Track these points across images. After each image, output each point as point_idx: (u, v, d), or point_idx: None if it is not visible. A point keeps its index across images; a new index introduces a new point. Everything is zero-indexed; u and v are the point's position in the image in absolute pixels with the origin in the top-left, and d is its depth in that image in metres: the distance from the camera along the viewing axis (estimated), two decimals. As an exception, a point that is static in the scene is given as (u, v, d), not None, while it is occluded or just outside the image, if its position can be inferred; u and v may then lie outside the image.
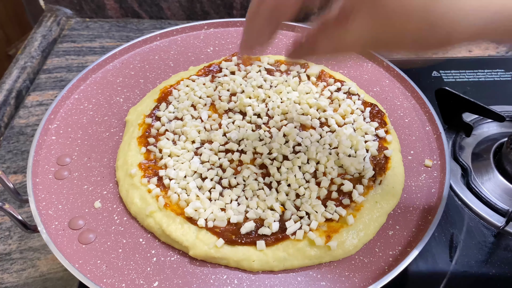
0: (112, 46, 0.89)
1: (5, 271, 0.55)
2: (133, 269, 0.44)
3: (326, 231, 0.46)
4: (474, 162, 0.65)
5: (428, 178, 0.54)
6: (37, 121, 0.74)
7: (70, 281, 0.54)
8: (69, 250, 0.45)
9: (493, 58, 0.87)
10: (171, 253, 0.46)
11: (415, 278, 0.53)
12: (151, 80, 0.65)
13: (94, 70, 0.64)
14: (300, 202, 0.48)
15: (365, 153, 0.54)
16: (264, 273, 0.45)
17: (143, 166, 0.51)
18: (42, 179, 0.52)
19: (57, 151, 0.55)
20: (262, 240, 0.45)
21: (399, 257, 0.46)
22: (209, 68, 0.64)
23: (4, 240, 0.58)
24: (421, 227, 0.48)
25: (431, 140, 0.58)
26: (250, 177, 0.50)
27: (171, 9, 0.97)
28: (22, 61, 0.83)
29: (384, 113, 0.59)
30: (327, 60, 0.39)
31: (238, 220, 0.46)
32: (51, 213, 0.49)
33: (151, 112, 0.57)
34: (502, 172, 0.62)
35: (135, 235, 0.48)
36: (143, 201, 0.48)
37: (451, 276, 0.54)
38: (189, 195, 0.48)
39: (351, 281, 0.44)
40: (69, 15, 0.97)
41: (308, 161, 0.52)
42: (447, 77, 0.81)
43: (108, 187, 0.52)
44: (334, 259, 0.46)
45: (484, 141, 0.68)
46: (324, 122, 0.57)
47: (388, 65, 0.67)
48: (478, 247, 0.58)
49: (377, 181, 0.51)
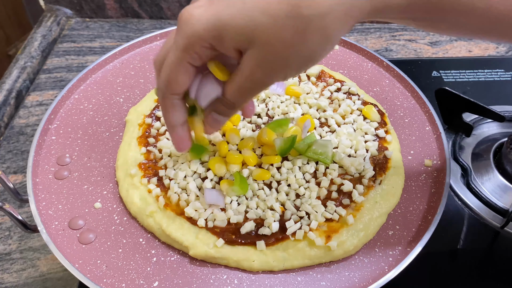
0: (112, 46, 0.89)
1: (5, 271, 0.55)
2: (133, 269, 0.44)
3: (326, 231, 0.46)
4: (474, 162, 0.65)
5: (428, 178, 0.54)
6: (37, 121, 0.74)
7: (70, 281, 0.54)
8: (69, 250, 0.45)
9: (493, 58, 0.87)
10: (171, 253, 0.46)
11: (415, 278, 0.53)
12: (151, 80, 0.65)
13: (94, 70, 0.64)
14: (300, 202, 0.48)
15: (365, 153, 0.54)
16: (264, 273, 0.45)
17: (143, 166, 0.51)
18: (42, 179, 0.52)
19: (57, 151, 0.55)
20: (262, 240, 0.45)
21: (399, 257, 0.46)
22: (209, 68, 0.64)
23: (4, 240, 0.58)
24: (421, 227, 0.48)
25: (431, 140, 0.58)
26: (250, 177, 0.50)
27: (171, 9, 0.97)
28: (22, 61, 0.83)
29: (384, 113, 0.59)
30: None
31: (238, 220, 0.46)
32: (51, 213, 0.49)
33: (151, 112, 0.57)
34: (502, 172, 0.62)
35: (135, 235, 0.48)
36: (143, 201, 0.48)
37: (451, 276, 0.54)
38: (189, 195, 0.48)
39: (351, 281, 0.44)
40: (69, 15, 0.97)
41: (308, 161, 0.52)
42: (447, 77, 0.81)
43: (108, 187, 0.52)
44: (334, 259, 0.46)
45: (484, 141, 0.67)
46: (324, 122, 0.57)
47: (388, 65, 0.67)
48: (478, 247, 0.58)
49: (377, 181, 0.51)
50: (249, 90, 0.37)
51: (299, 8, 0.32)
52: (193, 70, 0.37)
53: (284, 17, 0.32)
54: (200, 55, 0.36)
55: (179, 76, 0.37)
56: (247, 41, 0.33)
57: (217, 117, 0.41)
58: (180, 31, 0.35)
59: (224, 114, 0.41)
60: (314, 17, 0.32)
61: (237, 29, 0.33)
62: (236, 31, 0.33)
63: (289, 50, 0.33)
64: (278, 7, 0.32)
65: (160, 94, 0.40)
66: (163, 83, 0.38)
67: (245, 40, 0.33)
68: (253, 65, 0.35)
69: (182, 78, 0.37)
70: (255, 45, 0.33)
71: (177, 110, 0.41)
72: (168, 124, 0.42)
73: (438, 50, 0.90)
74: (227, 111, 0.41)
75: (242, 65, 0.35)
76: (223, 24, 0.33)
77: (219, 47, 0.35)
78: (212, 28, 0.34)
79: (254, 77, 0.35)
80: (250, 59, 0.34)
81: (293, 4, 0.32)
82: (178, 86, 0.38)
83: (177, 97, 0.40)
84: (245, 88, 0.37)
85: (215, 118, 0.41)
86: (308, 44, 0.33)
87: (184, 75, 0.37)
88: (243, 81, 0.36)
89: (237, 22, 0.33)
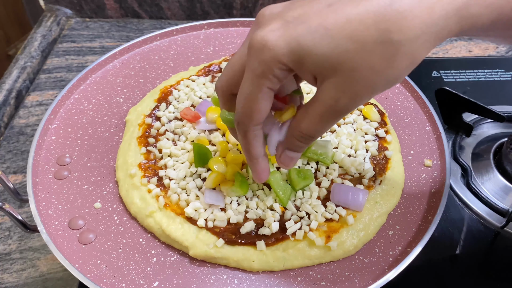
0: (112, 46, 0.89)
1: (5, 271, 0.55)
2: (133, 269, 0.44)
3: (326, 231, 0.46)
4: (474, 162, 0.65)
5: (428, 178, 0.54)
6: (37, 121, 0.74)
7: (70, 281, 0.54)
8: (69, 250, 0.45)
9: (493, 58, 0.87)
10: (171, 253, 0.46)
11: (415, 278, 0.53)
12: (151, 80, 0.65)
13: (94, 70, 0.64)
14: (300, 202, 0.48)
15: (365, 153, 0.54)
16: (264, 273, 0.45)
17: (143, 166, 0.51)
18: (42, 179, 0.52)
19: (57, 151, 0.55)
20: (262, 240, 0.45)
21: (399, 257, 0.46)
22: (209, 68, 0.64)
23: (4, 240, 0.58)
24: (421, 227, 0.48)
25: (431, 140, 0.58)
26: (250, 177, 0.50)
27: (171, 9, 0.97)
28: (22, 61, 0.83)
29: (384, 113, 0.59)
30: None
31: (238, 220, 0.46)
32: (51, 213, 0.49)
33: (151, 112, 0.57)
34: (502, 172, 0.62)
35: (135, 235, 0.48)
36: (143, 201, 0.48)
37: (451, 276, 0.54)
38: (189, 195, 0.48)
39: (351, 281, 0.44)
40: (69, 15, 0.97)
41: (308, 162, 0.52)
42: (447, 77, 0.81)
43: (108, 187, 0.52)
44: (334, 259, 0.46)
45: (484, 141, 0.67)
46: (324, 122, 0.57)
47: (388, 65, 0.67)
48: (478, 247, 0.58)
49: (377, 181, 0.51)
50: (331, 118, 0.35)
51: (389, 34, 0.30)
52: (272, 94, 0.36)
53: (372, 43, 0.31)
54: (279, 78, 0.34)
55: (261, 104, 0.35)
56: (331, 68, 0.32)
57: (292, 155, 0.40)
58: (254, 57, 0.34)
59: (299, 150, 0.40)
60: (405, 42, 0.31)
61: (320, 56, 0.32)
62: (319, 59, 0.32)
63: (376, 76, 0.32)
64: (367, 33, 0.31)
65: (241, 128, 0.37)
66: (243, 115, 0.36)
67: (329, 68, 0.32)
68: (336, 93, 0.33)
69: (264, 106, 0.36)
70: (339, 72, 0.32)
71: (259, 141, 0.39)
72: (251, 157, 0.40)
73: (438, 50, 0.90)
74: (303, 146, 0.39)
75: (321, 94, 0.34)
76: (305, 50, 0.32)
77: (298, 71, 0.34)
78: (292, 54, 0.32)
79: (338, 104, 0.34)
80: (333, 86, 0.33)
81: (383, 30, 0.30)
82: (260, 115, 0.36)
83: (259, 127, 0.38)
84: (327, 116, 0.35)
85: (289, 156, 0.40)
86: (396, 69, 0.32)
87: (266, 102, 0.35)
88: (325, 110, 0.35)
89: (321, 50, 0.31)
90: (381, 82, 0.33)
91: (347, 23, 0.31)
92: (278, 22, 0.33)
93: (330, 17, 0.31)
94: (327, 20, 0.31)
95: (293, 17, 0.33)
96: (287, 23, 0.33)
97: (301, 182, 0.48)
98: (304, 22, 0.32)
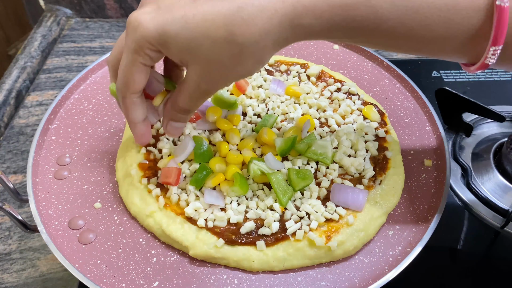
0: (112, 46, 0.89)
1: (5, 271, 0.55)
2: (133, 269, 0.44)
3: (326, 231, 0.46)
4: (474, 162, 0.65)
5: (428, 178, 0.54)
6: (37, 121, 0.74)
7: (70, 281, 0.54)
8: (69, 250, 0.45)
9: (493, 58, 0.87)
10: (171, 253, 0.46)
11: (415, 278, 0.53)
12: (151, 80, 0.65)
13: (94, 70, 0.64)
14: (300, 202, 0.48)
15: (365, 153, 0.54)
16: (264, 273, 0.45)
17: (143, 166, 0.51)
18: (42, 179, 0.52)
19: (57, 151, 0.55)
20: (262, 240, 0.45)
21: (399, 257, 0.46)
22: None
23: (4, 240, 0.58)
24: (421, 227, 0.48)
25: (431, 140, 0.58)
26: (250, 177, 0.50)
27: (171, 9, 0.96)
28: (22, 61, 0.83)
29: (384, 113, 0.59)
30: None
31: (238, 220, 0.46)
32: (51, 213, 0.49)
33: (151, 112, 0.57)
34: (502, 172, 0.62)
35: (135, 235, 0.48)
36: (143, 201, 0.48)
37: (451, 276, 0.54)
38: (189, 195, 0.48)
39: (351, 281, 0.44)
40: (69, 15, 0.97)
41: (308, 162, 0.52)
42: (447, 77, 0.81)
43: (108, 187, 0.52)
44: (334, 259, 0.46)
45: (484, 141, 0.68)
46: (324, 122, 0.57)
47: (388, 65, 0.67)
48: (478, 247, 0.58)
49: (377, 181, 0.51)
50: (199, 98, 0.42)
51: (235, 36, 0.35)
52: (147, 69, 0.40)
53: (222, 41, 0.36)
54: (151, 57, 0.39)
55: (136, 76, 0.40)
56: (190, 57, 0.38)
57: (176, 125, 0.45)
58: (130, 35, 0.38)
59: (181, 120, 0.45)
60: (248, 44, 0.36)
61: (180, 45, 0.37)
62: (180, 47, 0.37)
63: (227, 70, 0.38)
64: (217, 33, 0.35)
65: (120, 94, 0.42)
66: (121, 83, 0.41)
67: (188, 56, 0.38)
68: (197, 78, 0.39)
69: (138, 77, 0.40)
70: (197, 61, 0.38)
71: (137, 108, 0.43)
72: (130, 121, 0.44)
73: (438, 50, 0.90)
74: (182, 117, 0.44)
75: (187, 77, 0.40)
76: (168, 37, 0.36)
77: (165, 53, 0.38)
78: (159, 37, 0.37)
79: (200, 88, 0.40)
80: (194, 73, 0.39)
81: (229, 31, 0.35)
82: (135, 85, 0.41)
83: (136, 95, 0.42)
84: (195, 96, 0.41)
85: (174, 126, 0.45)
86: (243, 66, 0.38)
87: (140, 74, 0.40)
88: (192, 91, 0.40)
89: (181, 39, 0.36)
90: (232, 75, 0.39)
91: (203, 21, 0.35)
92: (153, 6, 0.37)
93: (191, 11, 0.36)
94: (187, 14, 0.36)
95: (165, 5, 0.37)
96: (159, 9, 0.37)
97: (301, 183, 0.48)
98: (171, 11, 0.36)
